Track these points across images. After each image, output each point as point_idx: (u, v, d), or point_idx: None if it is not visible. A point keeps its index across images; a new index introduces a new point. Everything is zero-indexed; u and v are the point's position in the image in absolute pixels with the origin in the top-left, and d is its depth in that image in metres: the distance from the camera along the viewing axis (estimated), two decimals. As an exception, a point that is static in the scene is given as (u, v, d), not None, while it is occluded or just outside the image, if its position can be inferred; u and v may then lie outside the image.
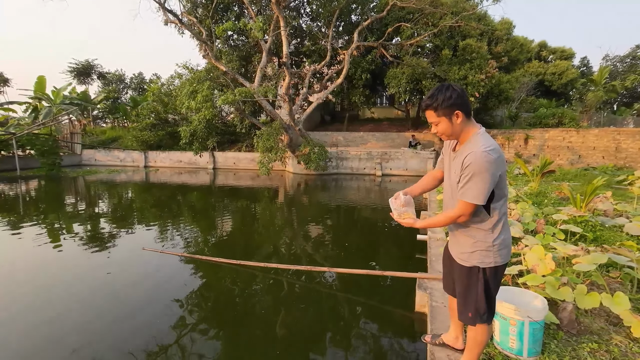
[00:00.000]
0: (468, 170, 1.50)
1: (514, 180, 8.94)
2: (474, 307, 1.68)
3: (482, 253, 1.65)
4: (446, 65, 14.58)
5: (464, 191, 1.53)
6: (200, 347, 2.85)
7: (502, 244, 1.65)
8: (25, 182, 13.38)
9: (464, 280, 1.73)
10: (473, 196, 1.50)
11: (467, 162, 1.50)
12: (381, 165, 15.25)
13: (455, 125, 1.57)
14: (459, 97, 1.54)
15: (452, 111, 1.55)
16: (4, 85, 29.50)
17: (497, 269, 1.67)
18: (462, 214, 1.58)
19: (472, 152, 1.50)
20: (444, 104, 1.54)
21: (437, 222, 1.74)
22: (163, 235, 6.20)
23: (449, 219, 1.64)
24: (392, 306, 3.59)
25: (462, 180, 1.53)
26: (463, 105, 1.55)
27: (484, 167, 1.46)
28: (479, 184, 1.48)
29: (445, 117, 1.57)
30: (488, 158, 1.46)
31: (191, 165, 18.68)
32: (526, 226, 4.14)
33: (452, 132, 1.60)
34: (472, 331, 1.78)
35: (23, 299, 3.66)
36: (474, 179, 1.48)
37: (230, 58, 16.11)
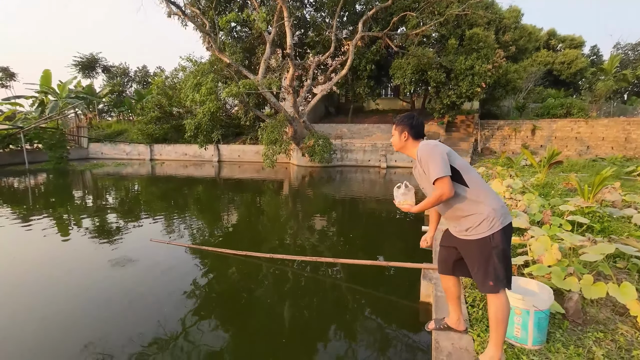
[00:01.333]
0: (423, 159, 1.87)
1: (521, 171, 8.85)
2: (493, 275, 1.77)
3: (482, 222, 1.80)
4: (452, 55, 14.35)
5: (430, 174, 1.81)
6: (207, 335, 2.90)
7: (498, 206, 1.82)
8: (34, 176, 13.58)
9: (479, 253, 1.82)
10: (437, 172, 1.78)
11: (419, 155, 1.90)
12: (386, 157, 15.19)
13: (401, 141, 2.04)
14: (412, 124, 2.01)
15: (403, 130, 2.02)
16: (10, 79, 29.75)
17: (504, 230, 1.80)
18: (442, 190, 1.79)
19: (418, 149, 1.94)
20: (400, 124, 2.04)
21: (427, 204, 1.91)
22: (170, 227, 6.28)
23: (435, 197, 1.83)
24: (396, 296, 3.62)
25: (426, 168, 1.86)
26: (412, 129, 2.00)
27: (427, 151, 1.86)
28: (433, 162, 1.80)
29: (398, 132, 2.05)
30: (426, 145, 1.92)
31: (196, 158, 18.78)
32: (532, 217, 4.11)
33: (398, 145, 2.07)
34: (492, 304, 1.79)
35: (33, 289, 3.74)
36: (429, 161, 1.82)
37: (233, 50, 16.02)
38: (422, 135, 2.03)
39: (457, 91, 14.34)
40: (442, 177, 1.76)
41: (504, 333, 1.81)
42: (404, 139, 2.02)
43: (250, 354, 2.72)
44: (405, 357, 2.63)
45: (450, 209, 1.92)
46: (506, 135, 16.25)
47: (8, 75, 29.33)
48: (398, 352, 2.71)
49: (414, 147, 2.00)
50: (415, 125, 2.00)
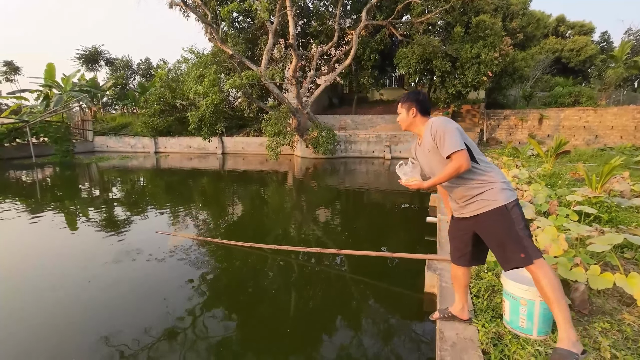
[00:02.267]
0: (437, 134, 1.83)
1: (527, 161, 8.75)
2: (521, 245, 1.73)
3: (496, 192, 1.81)
4: (458, 44, 14.09)
5: (447, 147, 1.78)
6: (213, 325, 2.94)
7: (504, 179, 1.86)
8: (41, 169, 13.72)
9: (500, 224, 1.79)
10: (454, 145, 1.76)
11: (433, 130, 1.85)
12: (390, 148, 15.10)
13: (409, 117, 2.00)
14: (418, 100, 1.99)
15: (410, 106, 1.99)
16: (14, 73, 29.86)
17: (517, 202, 1.82)
18: (460, 162, 1.75)
19: (432, 122, 1.90)
20: (407, 100, 2.01)
21: (441, 177, 1.85)
22: (175, 219, 6.33)
23: (453, 169, 1.78)
24: (400, 287, 3.62)
25: (440, 144, 1.82)
26: (419, 104, 1.98)
27: (443, 124, 1.83)
28: (450, 135, 1.78)
29: (405, 109, 2.01)
30: (441, 119, 1.88)
31: (200, 151, 18.83)
32: (539, 207, 4.07)
33: (406, 123, 2.03)
34: (537, 277, 1.68)
35: (41, 280, 3.81)
36: (445, 135, 1.79)
37: (236, 41, 15.89)
38: (428, 111, 2.01)
39: (462, 80, 14.12)
40: (460, 149, 1.75)
41: (567, 306, 1.65)
42: (412, 115, 1.99)
43: (255, 343, 2.75)
44: (409, 347, 2.64)
45: (460, 186, 1.90)
46: (512, 125, 16.03)
47: (12, 69, 29.44)
48: (402, 342, 2.72)
49: (422, 124, 1.99)
50: (422, 101, 1.99)
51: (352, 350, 2.62)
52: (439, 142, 1.82)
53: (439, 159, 1.87)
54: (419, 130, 2.01)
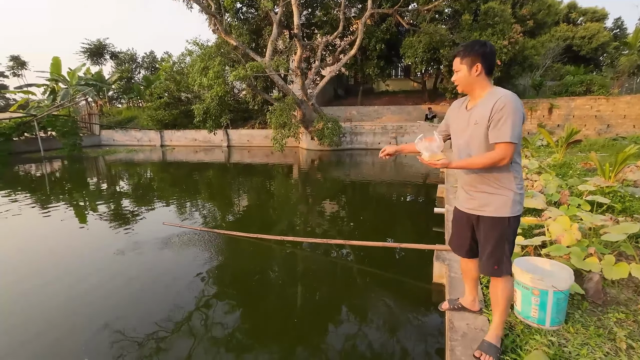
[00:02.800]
0: (503, 112, 1.53)
1: (537, 151, 8.59)
2: (500, 259, 1.71)
3: (508, 201, 1.66)
4: (466, 32, 13.77)
5: (502, 132, 1.53)
6: (221, 315, 2.95)
7: (522, 190, 1.70)
8: (49, 163, 13.88)
9: (493, 232, 1.71)
10: (512, 135, 1.52)
11: (501, 103, 1.54)
12: (396, 140, 14.95)
13: (472, 76, 1.65)
14: (485, 53, 1.63)
15: (475, 62, 1.63)
16: (21, 68, 30.06)
17: (518, 217, 1.72)
18: (504, 155, 1.55)
19: (503, 95, 1.56)
20: (470, 53, 1.64)
21: (476, 163, 1.62)
22: (182, 211, 6.36)
23: (491, 160, 1.57)
24: (408, 278, 3.60)
25: (497, 124, 1.54)
26: (485, 60, 1.63)
27: (517, 107, 1.53)
28: (515, 122, 1.52)
29: (467, 66, 1.66)
30: (517, 99, 1.56)
31: (206, 143, 18.86)
32: (550, 197, 3.99)
33: (466, 83, 1.69)
34: (497, 287, 1.76)
35: (52, 271, 3.86)
36: (510, 119, 1.52)
37: (240, 32, 15.73)
38: (493, 70, 1.69)
39: (470, 69, 13.83)
40: (512, 142, 1.52)
41: (507, 314, 1.81)
42: (476, 73, 1.63)
43: (263, 333, 2.76)
44: (418, 338, 2.62)
45: (479, 176, 1.70)
46: (521, 115, 15.72)
47: (19, 64, 29.63)
48: (411, 332, 2.70)
49: (484, 87, 1.65)
50: (489, 54, 1.62)
51: (360, 340, 2.61)
52: (497, 120, 1.53)
53: (482, 136, 1.62)
54: (478, 93, 1.68)
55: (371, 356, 2.43)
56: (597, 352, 1.71)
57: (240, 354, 2.48)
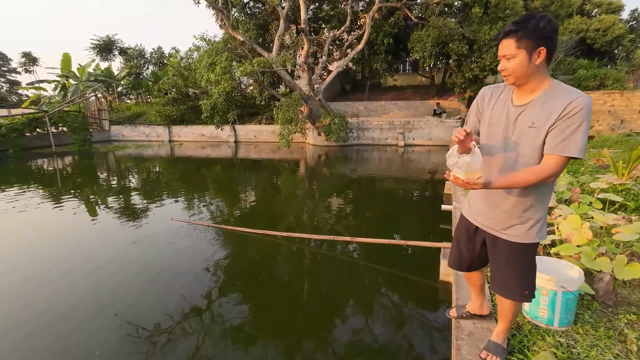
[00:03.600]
0: (577, 117, 1.21)
1: (547, 147, 8.43)
2: (532, 284, 1.55)
3: (537, 226, 1.43)
4: (476, 25, 13.52)
5: (568, 143, 1.22)
6: (228, 310, 2.98)
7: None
8: (60, 158, 14.12)
9: (521, 259, 1.50)
10: (579, 149, 1.22)
11: (577, 107, 1.21)
12: (404, 135, 14.83)
13: (532, 65, 1.26)
14: (552, 32, 1.23)
15: (537, 45, 1.23)
16: (33, 64, 30.49)
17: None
18: (557, 171, 1.26)
19: (580, 97, 1.22)
20: (532, 34, 1.22)
21: (520, 181, 1.30)
22: (190, 206, 6.43)
23: (539, 176, 1.27)
24: (414, 275, 3.59)
25: (565, 131, 1.23)
26: (551, 44, 1.24)
27: (589, 111, 1.21)
28: (584, 134, 1.22)
29: (526, 50, 1.25)
30: (590, 101, 1.22)
31: (213, 139, 18.95)
32: (560, 195, 3.92)
33: (523, 73, 1.29)
34: (517, 308, 1.63)
35: (65, 263, 3.94)
36: (581, 129, 1.21)
37: (247, 27, 15.69)
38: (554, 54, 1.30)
39: (480, 64, 13.61)
40: (570, 157, 1.24)
41: (514, 321, 1.78)
42: (538, 60, 1.25)
43: (269, 328, 2.79)
44: (424, 336, 2.62)
45: (516, 192, 1.40)
46: (532, 110, 15.43)
47: (31, 60, 30.05)
48: (417, 329, 2.70)
49: (544, 81, 1.30)
50: (555, 34, 1.24)
51: (365, 337, 2.62)
52: (566, 127, 1.22)
53: (535, 143, 1.30)
54: (534, 86, 1.31)
55: (376, 353, 2.44)
56: (607, 354, 1.69)
57: (247, 346, 2.51)
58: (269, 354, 2.46)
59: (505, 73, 1.33)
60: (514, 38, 1.26)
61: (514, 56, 1.28)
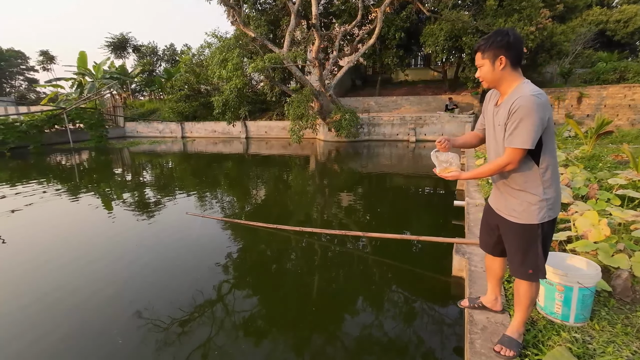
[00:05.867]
0: (516, 115, 1.46)
1: (563, 143, 8.25)
2: (535, 263, 1.64)
3: (536, 208, 1.58)
4: (490, 18, 13.22)
5: (513, 137, 1.49)
6: (240, 302, 3.05)
7: (555, 195, 1.60)
8: (78, 154, 14.51)
9: (521, 238, 1.65)
10: (522, 141, 1.46)
11: (515, 106, 1.46)
12: (415, 131, 14.70)
13: (496, 71, 1.54)
14: (509, 44, 1.49)
15: (496, 55, 1.52)
16: (50, 62, 31.25)
17: (553, 221, 1.64)
18: (510, 161, 1.52)
19: (520, 96, 1.47)
20: (492, 46, 1.52)
21: (483, 172, 1.66)
22: (203, 201, 6.54)
23: (497, 166, 1.57)
24: (426, 270, 3.59)
25: (510, 127, 1.49)
26: (510, 52, 1.50)
27: (532, 109, 1.42)
28: (528, 127, 1.44)
29: (489, 60, 1.55)
30: (536, 100, 1.43)
31: (225, 135, 19.15)
32: (577, 191, 3.84)
33: (491, 79, 1.58)
34: (524, 288, 1.70)
35: (82, 257, 4.08)
36: (523, 123, 1.45)
37: (258, 23, 15.73)
38: (521, 60, 1.56)
39: (494, 58, 13.30)
40: (520, 148, 1.47)
41: (529, 312, 1.77)
42: (500, 67, 1.52)
43: (280, 321, 2.84)
44: (436, 330, 2.63)
45: (505, 179, 1.67)
46: (548, 105, 15.05)
47: (48, 59, 30.79)
48: (429, 324, 2.71)
49: (512, 82, 1.54)
50: (514, 44, 1.49)
51: (376, 331, 2.65)
52: (510, 125, 1.48)
53: (502, 138, 1.58)
54: (505, 88, 1.57)
55: (388, 347, 2.47)
56: (624, 350, 1.67)
57: (259, 338, 2.57)
58: (280, 347, 2.51)
59: (480, 79, 1.64)
60: (480, 51, 1.58)
61: (482, 65, 1.59)
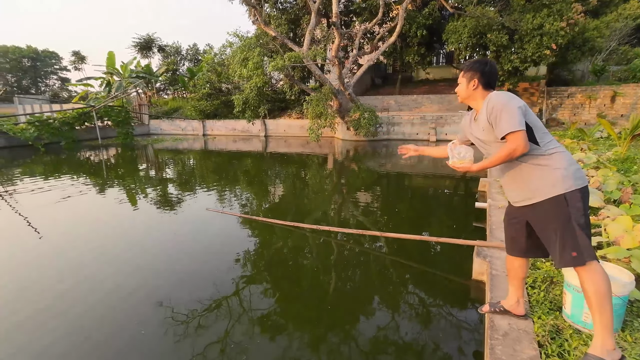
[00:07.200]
0: (494, 112, 1.66)
1: (594, 144, 7.85)
2: (575, 242, 1.53)
3: (557, 179, 1.60)
4: (517, 14, 12.74)
5: (502, 127, 1.62)
6: (257, 298, 3.09)
7: (570, 163, 1.62)
8: (106, 150, 15.15)
9: (554, 216, 1.60)
10: (512, 124, 1.59)
11: (491, 105, 1.68)
12: (436, 130, 14.40)
13: (469, 89, 1.84)
14: (483, 72, 1.80)
15: (472, 77, 1.82)
16: (81, 62, 32.70)
17: (581, 192, 1.59)
18: (515, 145, 1.60)
19: (489, 98, 1.73)
20: (469, 69, 1.84)
21: (492, 161, 1.72)
22: (223, 197, 6.68)
23: (505, 154, 1.64)
24: (445, 273, 3.51)
25: (496, 121, 1.66)
26: (483, 77, 1.80)
27: (502, 101, 1.65)
28: (509, 113, 1.60)
29: (465, 80, 1.85)
30: (503, 94, 1.70)
31: (244, 133, 19.45)
32: (609, 195, 3.66)
33: (465, 95, 1.88)
34: (586, 279, 1.52)
35: (108, 248, 4.26)
36: (502, 113, 1.62)
37: (279, 22, 15.86)
38: (493, 85, 1.83)
39: (521, 55, 12.83)
40: (517, 130, 1.58)
41: (610, 314, 1.49)
42: (473, 88, 1.83)
43: (296, 318, 2.86)
44: (454, 334, 2.57)
45: (513, 169, 1.75)
46: (578, 104, 14.38)
47: (79, 59, 32.23)
48: (446, 327, 2.65)
49: (482, 98, 1.81)
50: (488, 73, 1.80)
51: (392, 332, 2.62)
52: (494, 120, 1.66)
53: (493, 139, 1.73)
54: (477, 104, 1.85)
55: (404, 349, 2.43)
56: (659, 364, 1.58)
57: (274, 334, 2.60)
58: (295, 344, 2.53)
59: (456, 93, 1.94)
60: (462, 71, 1.89)
61: (460, 82, 1.91)
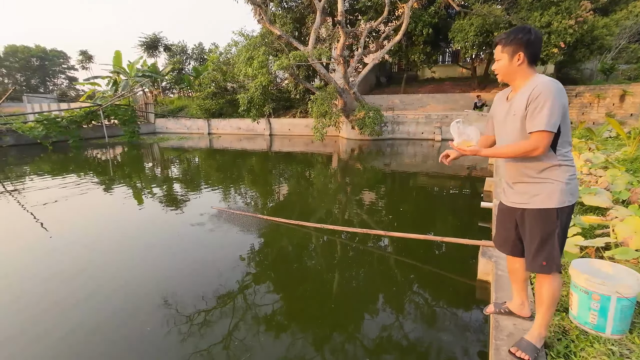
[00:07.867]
0: (539, 100, 1.48)
1: (603, 144, 7.74)
2: (550, 254, 1.61)
3: (555, 192, 1.58)
4: (525, 12, 12.60)
5: (538, 121, 1.48)
6: (261, 297, 3.10)
7: (574, 181, 1.61)
8: (112, 148, 15.29)
9: (540, 226, 1.62)
10: (547, 123, 1.46)
11: (537, 92, 1.49)
12: (441, 130, 14.31)
13: (512, 66, 1.60)
14: (529, 41, 1.55)
15: (515, 51, 1.58)
16: (89, 61, 33.01)
17: (571, 208, 1.62)
18: (537, 145, 1.50)
19: (539, 83, 1.51)
20: (512, 42, 1.58)
21: (507, 152, 1.61)
22: (228, 195, 6.71)
23: (522, 150, 1.54)
24: (450, 273, 3.49)
25: (534, 112, 1.50)
26: (529, 49, 1.56)
27: (554, 93, 1.46)
28: (550, 110, 1.46)
29: (508, 54, 1.60)
30: (556, 86, 1.49)
31: (249, 132, 19.49)
32: (617, 195, 3.61)
33: (506, 72, 1.64)
34: (545, 285, 1.65)
35: (113, 245, 4.30)
36: (546, 106, 1.46)
37: (284, 21, 15.86)
38: (538, 58, 1.61)
39: (528, 53, 12.67)
40: (548, 131, 1.46)
41: (551, 316, 1.72)
42: (518, 62, 1.58)
43: (300, 316, 2.86)
44: (459, 334, 2.56)
45: (521, 167, 1.66)
46: (586, 103, 14.19)
47: (87, 58, 32.54)
48: (451, 328, 2.64)
49: (526, 77, 1.59)
50: (533, 42, 1.55)
51: (396, 332, 2.61)
52: (533, 110, 1.49)
53: (520, 127, 1.58)
54: (518, 83, 1.63)
55: (408, 349, 2.43)
56: (667, 367, 1.55)
57: (277, 333, 2.60)
58: (298, 342, 2.53)
59: (495, 72, 1.70)
60: (501, 44, 1.63)
61: (500, 59, 1.65)
